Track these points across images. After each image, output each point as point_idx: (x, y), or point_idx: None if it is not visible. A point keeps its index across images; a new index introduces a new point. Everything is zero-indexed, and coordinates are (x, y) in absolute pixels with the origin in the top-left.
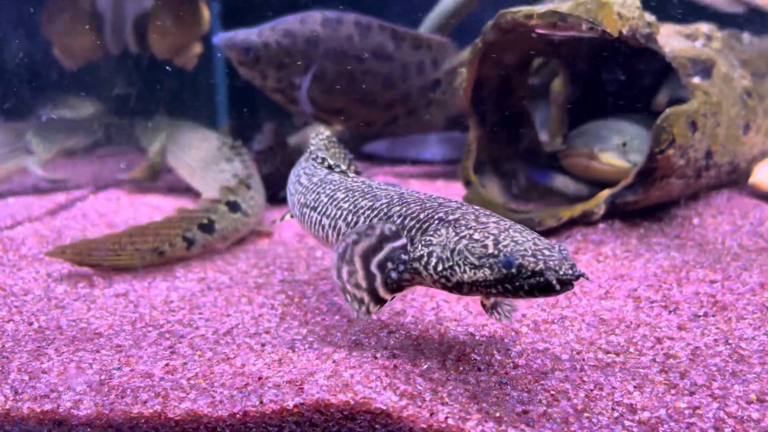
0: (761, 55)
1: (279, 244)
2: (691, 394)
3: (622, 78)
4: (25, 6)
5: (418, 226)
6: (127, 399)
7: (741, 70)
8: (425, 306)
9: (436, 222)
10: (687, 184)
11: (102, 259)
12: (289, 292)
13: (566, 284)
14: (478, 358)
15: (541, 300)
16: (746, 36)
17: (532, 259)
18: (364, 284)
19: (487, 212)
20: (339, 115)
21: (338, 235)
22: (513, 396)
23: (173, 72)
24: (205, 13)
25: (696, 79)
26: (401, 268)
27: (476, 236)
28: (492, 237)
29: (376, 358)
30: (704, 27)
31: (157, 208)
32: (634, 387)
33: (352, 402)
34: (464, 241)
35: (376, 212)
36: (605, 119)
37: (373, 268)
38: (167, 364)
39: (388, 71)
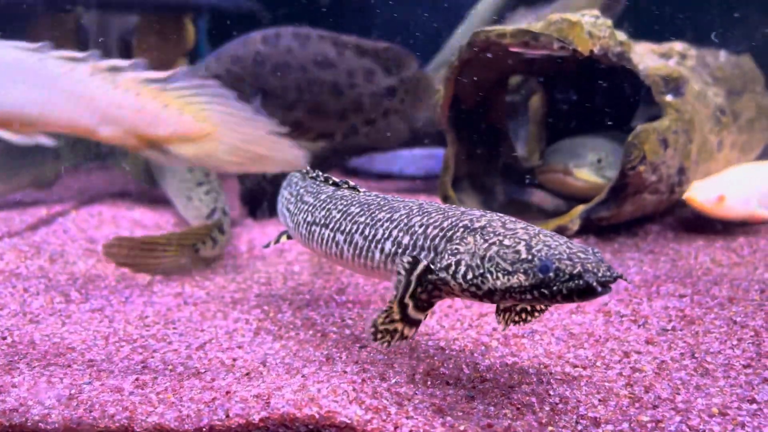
0: (737, 73)
1: (258, 258)
2: (655, 407)
3: (574, 98)
4: (10, 23)
5: (441, 234)
6: (95, 413)
7: (715, 87)
8: None
9: (462, 230)
10: (660, 200)
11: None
12: (264, 307)
13: (605, 286)
14: (447, 372)
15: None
16: (722, 54)
17: (568, 262)
18: (397, 317)
19: (513, 219)
20: (299, 129)
21: (354, 250)
22: (479, 409)
23: None
24: (190, 29)
25: (668, 97)
26: (430, 287)
27: (507, 242)
28: (523, 242)
29: (345, 372)
30: (678, 46)
31: (139, 223)
32: (599, 400)
33: (317, 416)
34: (494, 248)
35: (395, 224)
36: (582, 136)
37: (406, 300)
38: (137, 379)
39: (332, 78)
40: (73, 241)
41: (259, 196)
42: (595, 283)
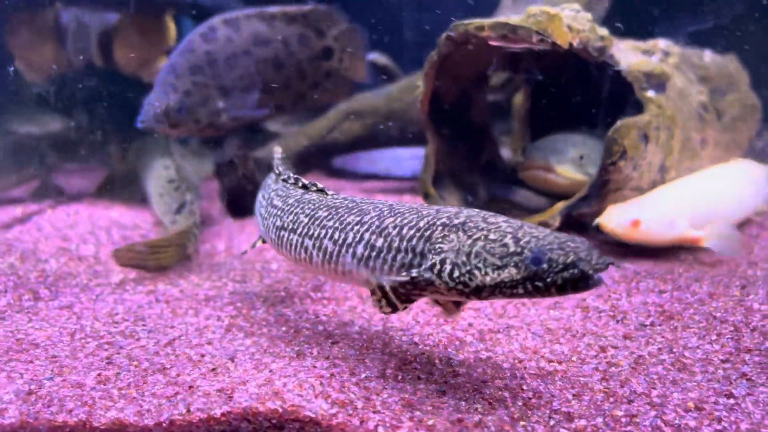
0: (721, 72)
1: (236, 257)
2: (630, 402)
3: (558, 95)
4: None
5: (419, 235)
6: (53, 408)
7: (699, 86)
8: (374, 317)
9: (440, 228)
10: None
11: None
12: (237, 304)
13: (599, 272)
14: (419, 367)
15: (490, 309)
16: (707, 53)
17: (560, 251)
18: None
19: (492, 213)
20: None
21: (324, 255)
22: (450, 404)
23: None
24: (171, 27)
25: (650, 93)
26: (408, 287)
27: (492, 236)
28: (509, 234)
29: (315, 367)
30: (662, 43)
31: (116, 222)
32: (573, 395)
33: (280, 410)
34: (480, 243)
35: (366, 226)
36: (564, 133)
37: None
38: (100, 374)
39: (273, 53)
40: (47, 239)
41: (239, 194)
42: (590, 271)
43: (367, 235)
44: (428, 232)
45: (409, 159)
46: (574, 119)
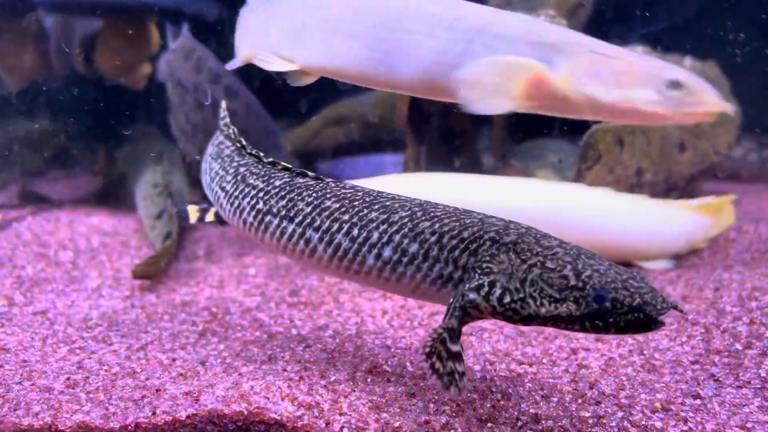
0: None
1: (215, 262)
2: (598, 403)
3: None
4: None
5: (463, 246)
6: (20, 411)
7: None
8: (349, 321)
9: (488, 244)
10: None
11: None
12: (213, 309)
13: (663, 316)
14: (390, 370)
15: None
16: (687, 60)
17: (626, 292)
18: (445, 355)
19: (541, 232)
20: None
21: (336, 251)
22: (419, 406)
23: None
24: (154, 33)
25: None
26: (458, 313)
27: (549, 264)
28: (569, 265)
29: (285, 370)
30: (639, 49)
31: (98, 229)
32: (542, 397)
33: (245, 412)
34: (536, 270)
35: (396, 227)
36: (544, 139)
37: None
38: (68, 378)
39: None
40: (25, 246)
41: None
42: (655, 315)
43: (397, 237)
44: (474, 246)
45: (392, 165)
46: (553, 125)
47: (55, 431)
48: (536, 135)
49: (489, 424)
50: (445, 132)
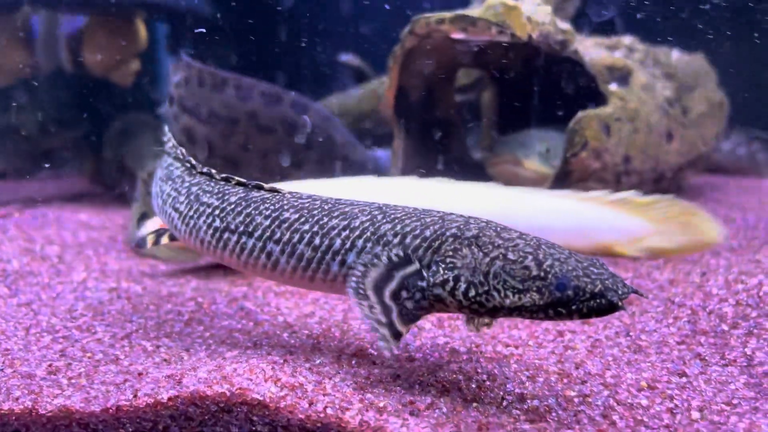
0: (687, 69)
1: (200, 255)
2: (583, 382)
3: (525, 93)
4: None
5: (426, 245)
6: (0, 397)
7: (665, 81)
8: (336, 308)
9: (451, 240)
10: (607, 190)
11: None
12: (199, 299)
13: (624, 300)
14: (375, 354)
15: None
16: (675, 52)
17: (587, 279)
18: (383, 319)
19: (501, 225)
20: None
21: (299, 262)
22: (403, 387)
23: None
24: (142, 30)
25: (612, 86)
26: (418, 296)
27: (511, 256)
28: (530, 256)
29: (270, 354)
30: (626, 39)
31: (85, 224)
32: (528, 377)
33: (228, 393)
34: (499, 262)
35: (358, 232)
36: (532, 128)
37: (387, 300)
38: (51, 365)
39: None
40: (11, 241)
41: None
42: (617, 300)
43: (360, 242)
44: (437, 243)
45: (380, 159)
46: (540, 115)
47: (36, 416)
48: (523, 126)
49: (474, 404)
50: (431, 123)
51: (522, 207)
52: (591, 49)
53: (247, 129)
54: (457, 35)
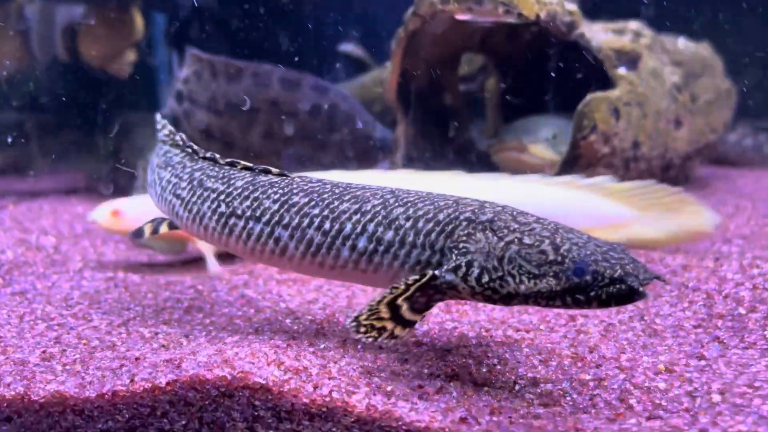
0: (695, 57)
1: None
2: (598, 366)
3: (530, 79)
4: None
5: (438, 229)
6: None
7: (673, 67)
8: (339, 295)
9: (465, 224)
10: (616, 175)
11: None
12: (199, 287)
13: (645, 287)
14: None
15: None
16: (681, 40)
17: (606, 264)
18: (386, 315)
19: (518, 209)
20: None
21: (308, 247)
22: (412, 371)
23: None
24: (139, 21)
25: (621, 70)
26: (431, 291)
27: (527, 240)
28: (547, 240)
29: (272, 339)
30: (633, 24)
31: (82, 216)
32: (540, 361)
33: (229, 377)
34: (514, 246)
35: (369, 216)
36: (537, 115)
37: (399, 302)
38: (44, 351)
39: None
40: (6, 232)
41: None
42: (638, 286)
43: (371, 227)
44: (450, 227)
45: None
46: (546, 102)
47: (28, 401)
48: (528, 113)
49: (485, 388)
50: (436, 109)
51: (491, 193)
52: (598, 33)
53: (268, 117)
54: (463, 16)
